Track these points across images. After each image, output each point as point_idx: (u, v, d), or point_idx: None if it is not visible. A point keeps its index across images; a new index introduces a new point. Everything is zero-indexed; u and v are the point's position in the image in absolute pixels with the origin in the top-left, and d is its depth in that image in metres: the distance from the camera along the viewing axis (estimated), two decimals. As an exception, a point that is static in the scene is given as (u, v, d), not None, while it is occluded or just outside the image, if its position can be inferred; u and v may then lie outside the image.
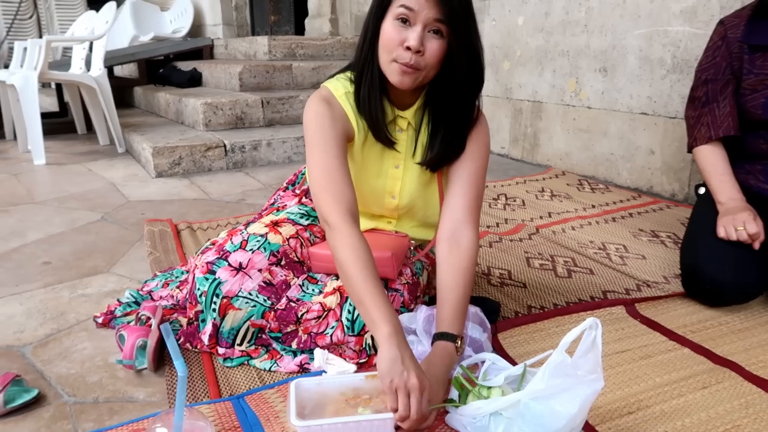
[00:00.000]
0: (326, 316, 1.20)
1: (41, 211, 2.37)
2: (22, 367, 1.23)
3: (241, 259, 1.22)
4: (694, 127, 1.61)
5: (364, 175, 1.27)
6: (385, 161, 1.26)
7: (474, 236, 1.18)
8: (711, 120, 1.56)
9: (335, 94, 1.19)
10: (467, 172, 1.21)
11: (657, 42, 2.44)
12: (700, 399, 1.09)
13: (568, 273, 1.71)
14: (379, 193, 1.29)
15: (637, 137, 2.60)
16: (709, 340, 1.31)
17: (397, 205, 1.31)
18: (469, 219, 1.20)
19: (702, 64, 1.60)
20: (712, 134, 1.56)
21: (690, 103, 1.64)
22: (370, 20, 1.10)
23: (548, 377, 0.86)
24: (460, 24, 1.05)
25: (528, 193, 2.57)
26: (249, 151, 3.19)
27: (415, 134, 1.24)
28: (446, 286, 1.14)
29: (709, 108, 1.57)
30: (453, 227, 1.19)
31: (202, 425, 0.90)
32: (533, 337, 1.33)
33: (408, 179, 1.27)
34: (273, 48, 4.52)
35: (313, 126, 1.14)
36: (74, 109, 4.27)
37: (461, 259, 1.15)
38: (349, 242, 1.03)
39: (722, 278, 1.41)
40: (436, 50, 1.07)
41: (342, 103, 1.18)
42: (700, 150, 1.59)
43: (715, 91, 1.56)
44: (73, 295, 1.58)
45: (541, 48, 3.06)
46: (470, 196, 1.20)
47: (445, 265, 1.16)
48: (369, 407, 0.94)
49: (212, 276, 1.19)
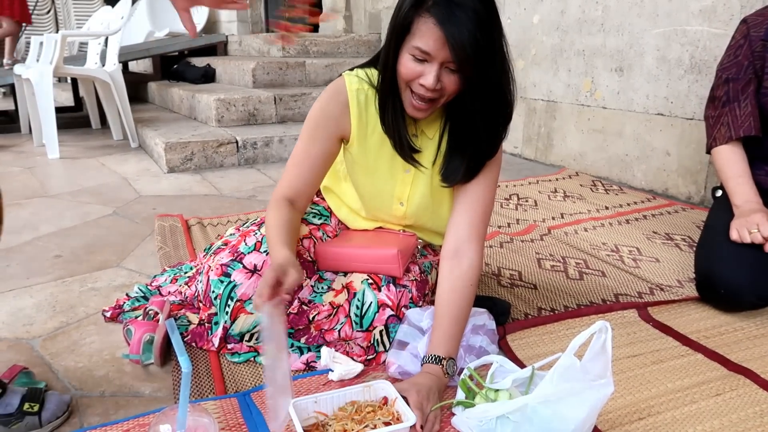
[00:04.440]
0: (336, 313, 1.20)
1: (54, 204, 2.39)
2: (31, 360, 1.23)
3: (255, 261, 1.20)
4: (714, 127, 1.57)
5: (373, 175, 1.25)
6: (396, 164, 1.23)
7: (477, 256, 1.16)
8: (731, 120, 1.53)
9: (348, 88, 1.18)
10: (476, 191, 1.19)
11: (675, 42, 2.41)
12: (713, 406, 1.07)
13: (579, 275, 1.69)
14: (387, 198, 1.27)
15: (653, 138, 2.56)
16: (723, 346, 1.28)
17: (405, 213, 1.28)
18: (474, 237, 1.17)
19: (723, 63, 1.57)
20: (732, 134, 1.52)
21: (710, 102, 1.61)
22: (390, 46, 1.07)
23: (557, 381, 0.85)
24: (476, 65, 1.00)
25: (540, 194, 2.54)
26: (261, 148, 3.19)
27: (436, 146, 1.20)
28: (442, 306, 1.12)
29: (729, 108, 1.54)
30: (456, 245, 1.17)
31: (205, 422, 0.89)
32: (543, 340, 1.31)
33: (417, 186, 1.25)
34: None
35: (310, 118, 1.21)
36: (89, 104, 4.30)
37: (461, 278, 1.13)
38: (272, 216, 1.16)
39: (738, 283, 1.38)
40: (453, 84, 1.04)
41: (350, 99, 1.17)
42: (719, 150, 1.56)
43: (736, 90, 1.52)
44: (83, 288, 1.59)
45: (557, 47, 3.03)
46: (476, 215, 1.18)
47: (444, 284, 1.14)
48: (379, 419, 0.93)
49: (227, 279, 1.18)
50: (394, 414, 0.94)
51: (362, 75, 1.19)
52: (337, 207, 1.40)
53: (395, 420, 0.93)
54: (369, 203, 1.30)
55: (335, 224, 1.38)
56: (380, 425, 0.91)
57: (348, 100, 1.17)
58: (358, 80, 1.18)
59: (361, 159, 1.23)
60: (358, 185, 1.29)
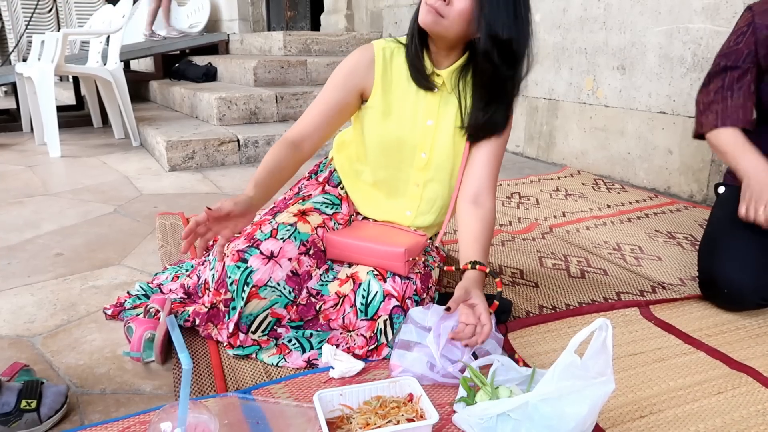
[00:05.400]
0: (342, 303, 1.22)
1: (55, 203, 2.39)
2: (32, 357, 1.23)
3: (272, 248, 1.22)
4: (703, 113, 1.54)
5: (395, 125, 1.30)
6: (419, 116, 1.30)
7: (494, 204, 1.29)
8: (721, 109, 1.49)
9: (375, 46, 1.29)
10: (492, 146, 1.30)
11: (677, 39, 2.40)
12: (715, 404, 1.07)
13: (581, 273, 1.68)
14: (410, 149, 1.32)
15: (655, 137, 2.56)
16: (725, 345, 1.28)
17: (427, 163, 1.33)
18: (491, 187, 1.30)
19: (723, 49, 1.54)
20: (718, 123, 1.49)
21: (703, 87, 1.57)
22: None
23: (557, 378, 0.84)
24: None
25: (542, 192, 2.54)
26: (262, 146, 3.19)
27: (456, 97, 1.29)
28: (470, 231, 1.23)
29: (722, 96, 1.51)
30: (476, 192, 1.28)
31: (206, 419, 0.89)
32: (544, 338, 1.31)
33: (440, 136, 1.31)
34: (288, 43, 4.52)
35: (334, 73, 1.31)
36: (90, 103, 4.30)
37: (485, 214, 1.26)
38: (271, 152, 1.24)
39: (742, 283, 1.37)
40: (462, 6, 1.12)
41: (376, 54, 1.28)
42: (719, 132, 1.50)
43: (732, 78, 1.50)
44: (84, 286, 1.59)
45: (558, 45, 3.02)
46: (492, 168, 1.30)
47: (468, 218, 1.25)
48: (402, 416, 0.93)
49: (244, 264, 1.19)
50: (418, 411, 0.95)
51: (390, 39, 1.32)
52: (354, 188, 1.44)
53: (418, 417, 0.93)
54: (392, 157, 1.34)
55: (346, 211, 1.41)
56: (403, 421, 0.91)
57: (374, 56, 1.27)
58: (386, 41, 1.31)
59: (385, 108, 1.30)
60: (381, 139, 1.33)
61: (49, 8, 7.04)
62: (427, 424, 0.91)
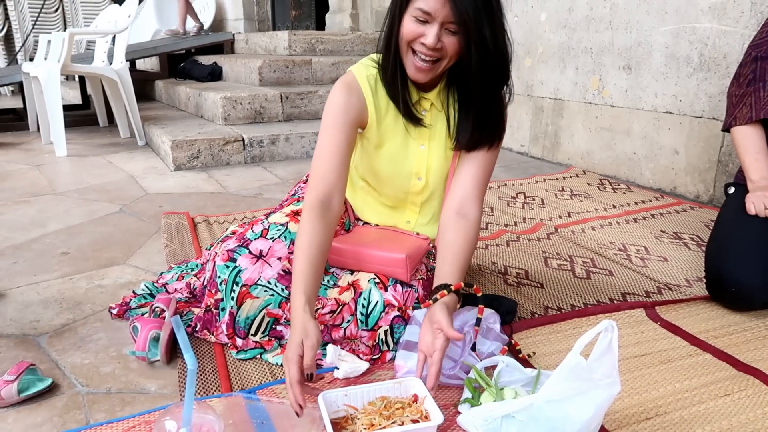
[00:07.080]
0: (341, 311, 1.20)
1: (61, 202, 2.40)
2: (37, 356, 1.24)
3: (261, 247, 1.22)
4: (736, 106, 1.54)
5: (388, 157, 1.28)
6: (411, 142, 1.28)
7: (479, 213, 1.24)
8: (755, 100, 1.49)
9: (357, 77, 1.23)
10: (481, 156, 1.25)
11: (684, 39, 2.39)
12: (722, 406, 1.06)
13: (586, 274, 1.68)
14: (405, 176, 1.31)
15: (661, 137, 2.54)
16: (732, 346, 1.27)
17: (424, 186, 1.32)
18: (477, 196, 1.25)
19: (755, 39, 1.53)
20: (752, 115, 1.49)
21: (735, 80, 1.57)
22: (395, 12, 1.13)
23: (563, 380, 0.84)
24: (473, 25, 1.06)
25: (547, 192, 2.53)
26: (267, 146, 3.19)
27: (445, 116, 1.26)
28: (450, 247, 1.17)
29: (754, 87, 1.50)
30: (461, 201, 1.23)
31: (211, 419, 0.89)
32: (549, 339, 1.30)
33: (434, 159, 1.29)
34: (293, 43, 4.52)
35: (328, 112, 1.22)
36: (96, 102, 4.32)
37: (468, 228, 1.20)
38: (308, 229, 1.11)
39: (750, 282, 1.36)
40: (453, 45, 1.10)
41: (362, 86, 1.22)
42: (738, 129, 1.53)
43: (764, 69, 1.48)
44: (89, 285, 1.60)
45: (564, 44, 3.01)
46: (480, 176, 1.25)
47: (450, 232, 1.20)
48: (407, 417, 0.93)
49: (233, 264, 1.19)
50: (422, 412, 0.95)
51: (366, 62, 1.26)
52: (353, 195, 1.42)
53: (423, 418, 0.93)
54: (386, 185, 1.33)
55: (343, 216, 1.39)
56: (408, 422, 0.91)
57: (361, 88, 1.22)
58: (365, 67, 1.24)
59: (378, 140, 1.27)
60: (374, 171, 1.31)
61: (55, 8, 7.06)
62: (432, 425, 0.91)
